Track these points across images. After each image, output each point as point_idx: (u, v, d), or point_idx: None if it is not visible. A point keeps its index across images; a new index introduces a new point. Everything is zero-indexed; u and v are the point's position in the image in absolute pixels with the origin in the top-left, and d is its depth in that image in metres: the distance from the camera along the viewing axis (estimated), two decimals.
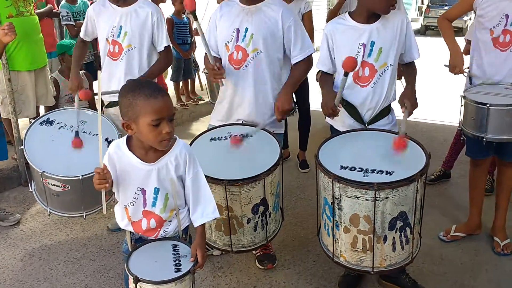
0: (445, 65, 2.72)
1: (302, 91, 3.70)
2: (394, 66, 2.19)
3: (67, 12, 4.54)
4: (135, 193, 1.62)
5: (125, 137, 1.63)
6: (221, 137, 2.26)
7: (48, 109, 3.71)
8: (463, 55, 2.69)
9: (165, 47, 2.72)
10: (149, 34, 2.67)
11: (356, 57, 2.12)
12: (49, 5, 4.53)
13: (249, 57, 2.28)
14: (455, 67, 2.64)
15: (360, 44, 2.16)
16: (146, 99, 1.47)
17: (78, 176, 2.38)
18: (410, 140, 2.03)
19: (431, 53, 2.92)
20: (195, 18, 2.19)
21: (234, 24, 2.30)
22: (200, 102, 5.75)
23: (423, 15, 17.97)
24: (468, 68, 2.65)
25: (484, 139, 2.35)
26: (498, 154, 2.62)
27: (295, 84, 2.41)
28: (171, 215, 1.67)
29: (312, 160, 2.32)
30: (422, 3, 23.53)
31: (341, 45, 2.22)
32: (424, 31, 17.12)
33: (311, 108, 3.94)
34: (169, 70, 5.32)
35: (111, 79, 2.70)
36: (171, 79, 5.45)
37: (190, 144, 2.18)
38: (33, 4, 3.64)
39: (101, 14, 2.68)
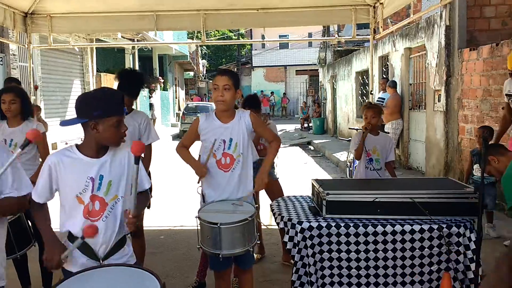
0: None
1: None
2: (125, 197, 2.19)
3: None
4: None
5: None
6: None
7: None
8: None
9: None
10: None
11: (84, 191, 2.05)
12: None
13: None
14: (200, 173, 2.86)
15: (89, 178, 2.08)
16: None
17: None
18: (143, 270, 1.97)
19: None
20: None
21: None
22: None
23: (180, 121, 19.59)
24: (201, 186, 2.88)
25: (221, 256, 2.51)
26: (236, 263, 2.83)
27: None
28: None
29: None
30: (179, 109, 25.75)
31: (68, 178, 2.09)
32: (182, 135, 18.56)
33: None
34: None
35: None
36: None
37: None
38: None
39: None
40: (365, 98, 12.58)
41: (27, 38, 6.39)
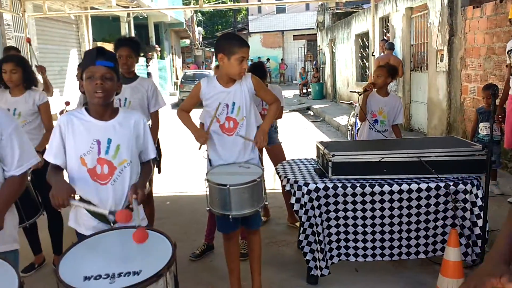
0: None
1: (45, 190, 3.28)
2: (134, 163, 2.18)
3: None
4: None
5: None
6: None
7: None
8: None
9: None
10: None
11: (88, 153, 2.06)
12: None
13: None
14: (201, 139, 2.82)
15: (95, 140, 2.08)
16: None
17: None
18: (153, 231, 1.99)
19: None
20: None
21: None
22: None
23: (179, 89, 19.45)
24: (207, 151, 2.88)
25: (230, 217, 2.53)
26: (244, 225, 2.86)
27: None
28: None
29: None
30: (177, 78, 25.51)
31: (75, 139, 2.08)
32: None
33: None
34: None
35: None
36: None
37: None
38: None
39: None
40: (365, 61, 12.43)
41: (21, 6, 6.24)
